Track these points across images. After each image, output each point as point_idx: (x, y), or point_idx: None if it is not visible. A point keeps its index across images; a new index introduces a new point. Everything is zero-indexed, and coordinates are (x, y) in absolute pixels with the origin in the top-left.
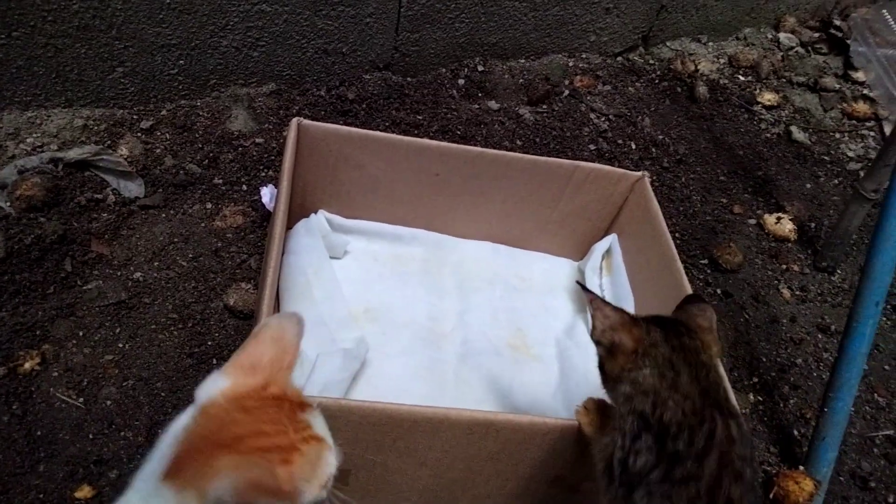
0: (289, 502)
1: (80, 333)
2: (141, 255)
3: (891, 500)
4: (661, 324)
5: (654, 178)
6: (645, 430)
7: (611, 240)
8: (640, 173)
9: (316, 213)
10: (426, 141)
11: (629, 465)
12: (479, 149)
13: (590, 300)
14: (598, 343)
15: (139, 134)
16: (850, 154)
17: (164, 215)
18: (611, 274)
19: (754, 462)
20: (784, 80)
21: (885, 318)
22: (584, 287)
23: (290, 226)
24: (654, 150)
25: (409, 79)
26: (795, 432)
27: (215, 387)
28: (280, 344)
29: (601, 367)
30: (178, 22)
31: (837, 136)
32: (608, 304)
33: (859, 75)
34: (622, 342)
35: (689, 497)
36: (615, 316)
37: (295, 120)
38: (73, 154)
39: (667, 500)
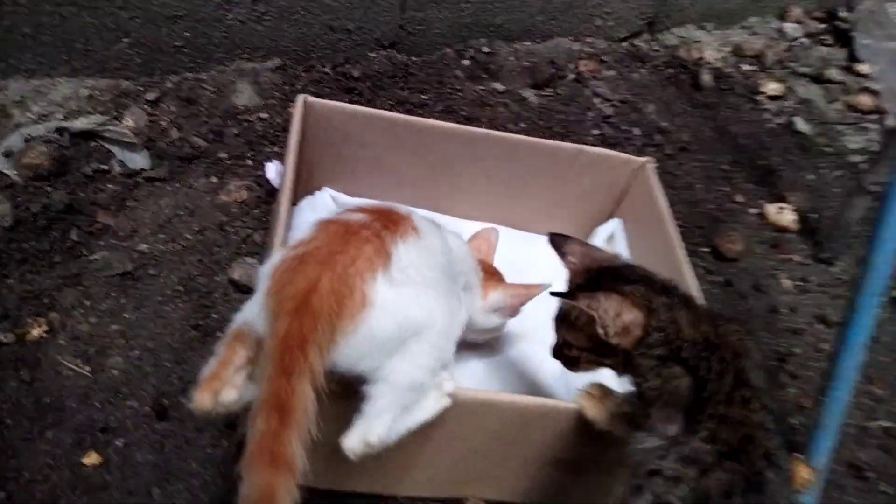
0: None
1: (87, 303)
2: (146, 226)
3: (882, 488)
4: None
5: (657, 164)
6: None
7: (614, 224)
8: (643, 159)
9: (321, 189)
10: (431, 121)
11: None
12: (484, 130)
13: (583, 304)
14: (612, 335)
15: (144, 105)
16: (853, 146)
17: (169, 188)
18: None
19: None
20: (788, 71)
21: (882, 311)
22: (559, 294)
23: (294, 202)
24: (657, 136)
25: (414, 58)
26: (794, 421)
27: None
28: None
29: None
30: None
31: (840, 127)
32: (597, 295)
33: (864, 67)
34: (634, 319)
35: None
36: (616, 303)
37: (301, 97)
38: (79, 124)
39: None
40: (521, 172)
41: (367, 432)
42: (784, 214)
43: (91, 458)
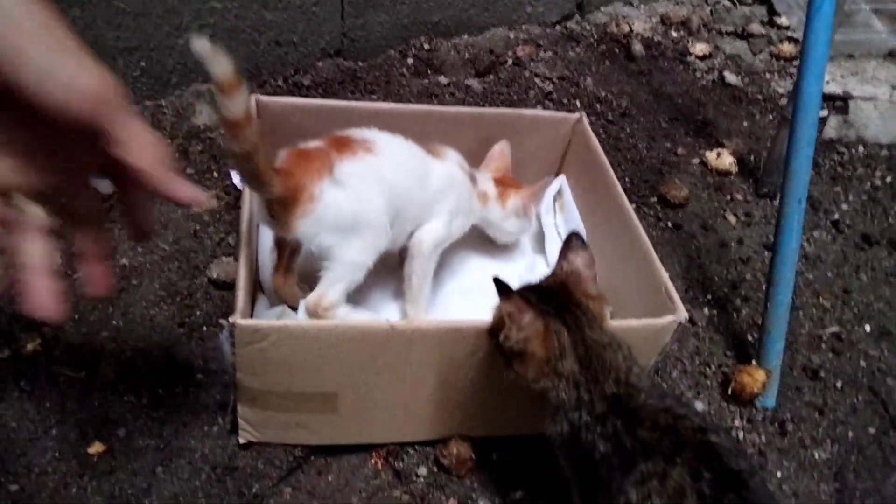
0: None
1: (76, 316)
2: (124, 243)
3: (839, 385)
4: (561, 314)
5: (601, 130)
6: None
7: (560, 181)
8: (577, 114)
9: None
10: (377, 104)
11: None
12: (426, 106)
13: (508, 303)
14: (508, 349)
15: None
16: (781, 91)
17: None
18: (563, 212)
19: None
20: (714, 32)
21: (825, 233)
22: (499, 284)
23: None
24: (598, 105)
25: (360, 63)
26: (749, 337)
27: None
28: (504, 158)
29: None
30: (135, 25)
31: (768, 76)
32: (526, 307)
33: (783, 20)
34: (536, 353)
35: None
36: (531, 327)
37: (253, 97)
38: None
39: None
40: (467, 144)
41: (322, 296)
42: (723, 159)
43: (96, 448)
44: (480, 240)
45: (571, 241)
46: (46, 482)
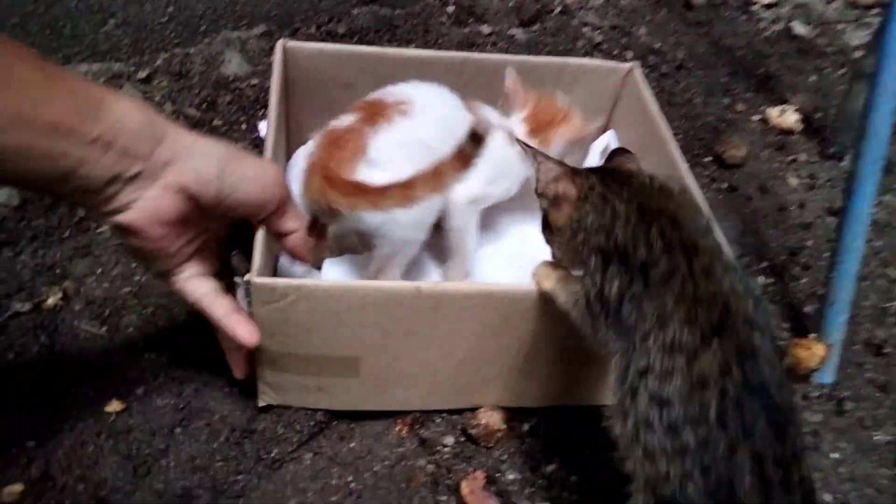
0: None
1: (98, 270)
2: None
3: None
4: (595, 170)
5: (654, 84)
6: (607, 260)
7: (608, 137)
8: (629, 65)
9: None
10: (410, 51)
11: (606, 294)
12: (463, 54)
13: (532, 154)
14: (542, 196)
15: (138, 83)
16: (855, 43)
17: None
18: None
19: (711, 229)
20: None
21: None
22: (522, 143)
23: (290, 155)
24: (651, 57)
25: (397, 11)
26: (808, 309)
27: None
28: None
29: (545, 223)
30: None
31: (841, 26)
32: (550, 157)
33: None
34: (566, 191)
35: (676, 292)
36: (557, 168)
37: (280, 41)
38: None
39: (655, 301)
40: None
41: (381, 275)
42: (787, 116)
43: (114, 406)
44: (518, 206)
45: (614, 153)
46: (63, 439)
